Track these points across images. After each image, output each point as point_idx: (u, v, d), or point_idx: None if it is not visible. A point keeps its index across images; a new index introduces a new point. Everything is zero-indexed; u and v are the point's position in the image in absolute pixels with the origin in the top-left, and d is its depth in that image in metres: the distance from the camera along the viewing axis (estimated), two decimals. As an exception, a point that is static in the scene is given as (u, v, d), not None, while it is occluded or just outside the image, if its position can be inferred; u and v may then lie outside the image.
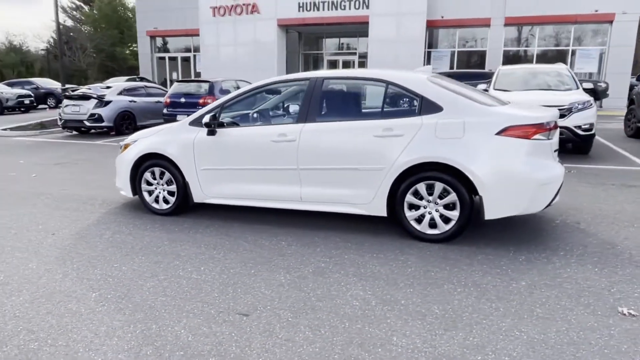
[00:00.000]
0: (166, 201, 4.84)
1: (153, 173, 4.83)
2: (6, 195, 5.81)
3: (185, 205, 4.80)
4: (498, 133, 3.68)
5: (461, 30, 21.96)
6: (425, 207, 3.92)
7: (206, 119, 4.42)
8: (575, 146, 8.27)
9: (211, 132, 4.49)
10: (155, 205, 4.89)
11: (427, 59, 22.38)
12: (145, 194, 4.93)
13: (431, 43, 22.42)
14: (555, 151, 3.94)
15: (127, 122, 12.21)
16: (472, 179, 3.69)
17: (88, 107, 11.67)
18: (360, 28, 21.42)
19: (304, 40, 25.49)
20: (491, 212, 3.74)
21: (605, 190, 5.65)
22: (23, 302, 2.97)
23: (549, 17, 20.02)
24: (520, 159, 3.67)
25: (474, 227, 4.21)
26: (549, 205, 3.81)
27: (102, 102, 11.72)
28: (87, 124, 11.64)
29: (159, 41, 27.90)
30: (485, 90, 9.21)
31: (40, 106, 21.92)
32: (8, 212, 5.02)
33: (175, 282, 3.23)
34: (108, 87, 12.48)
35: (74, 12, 45.87)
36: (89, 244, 4.03)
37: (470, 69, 21.00)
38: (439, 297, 2.94)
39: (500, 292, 3.01)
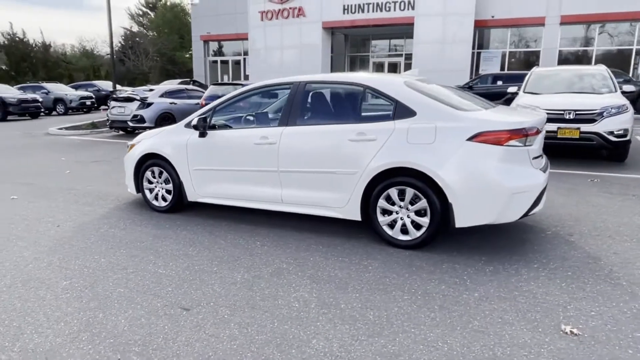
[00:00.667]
0: (164, 199, 5.11)
1: (153, 172, 5.12)
2: (37, 189, 6.36)
3: (181, 204, 5.04)
4: (469, 139, 3.57)
5: (513, 30, 21.08)
6: (397, 213, 3.88)
7: (194, 121, 4.64)
8: (610, 153, 7.74)
9: (202, 134, 4.70)
10: (155, 202, 5.18)
11: (476, 61, 21.70)
12: (147, 192, 5.23)
13: (481, 44, 21.72)
14: (536, 158, 3.76)
15: (167, 123, 12.83)
16: (441, 185, 3.61)
17: (132, 108, 12.43)
18: (407, 29, 21.15)
19: (350, 42, 25.53)
20: (461, 220, 3.63)
21: (623, 201, 5.26)
22: (2, 286, 3.28)
23: (610, 15, 18.74)
24: (492, 166, 3.54)
25: (454, 234, 4.10)
26: (526, 215, 3.65)
27: (144, 104, 12.44)
28: (130, 124, 12.40)
29: (212, 45, 29.04)
30: (515, 93, 8.84)
31: (102, 107, 23.54)
32: (32, 205, 5.51)
33: (140, 276, 3.43)
34: (151, 90, 13.21)
35: (140, 19, 48.83)
36: (85, 236, 4.35)
37: (523, 70, 20.11)
38: (380, 304, 2.92)
39: (447, 302, 2.93)
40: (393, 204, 3.87)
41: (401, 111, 3.85)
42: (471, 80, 18.49)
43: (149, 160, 5.12)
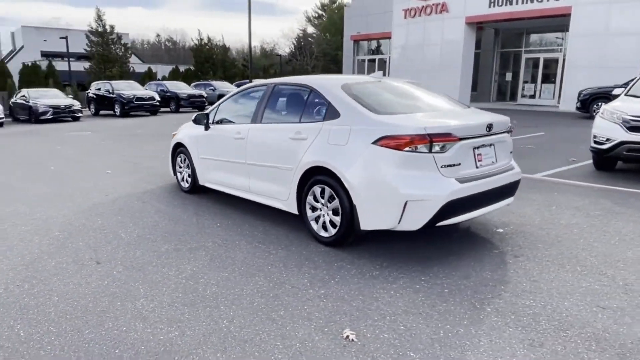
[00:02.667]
0: (187, 182, 6.07)
1: (181, 158, 6.13)
2: (131, 168, 8.03)
3: (194, 187, 5.92)
4: (374, 142, 3.57)
5: None
6: (320, 210, 4.05)
7: (195, 115, 5.46)
8: None
9: (206, 128, 5.49)
10: (182, 184, 6.19)
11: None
12: (178, 175, 6.27)
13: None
14: (452, 165, 3.52)
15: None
16: (347, 186, 3.69)
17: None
18: (565, 21, 18.75)
19: (501, 38, 23.67)
20: (364, 223, 3.65)
21: (657, 230, 4.30)
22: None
23: None
24: (389, 171, 3.48)
25: (402, 238, 4.06)
26: (432, 224, 3.48)
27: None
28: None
29: (361, 45, 30.08)
30: (615, 95, 7.52)
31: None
32: (117, 179, 7.07)
33: (84, 249, 4.37)
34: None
35: (315, 21, 52.93)
36: (97, 210, 5.39)
37: None
38: (222, 290, 3.26)
39: (283, 298, 3.06)
40: (317, 201, 4.06)
41: (331, 113, 4.00)
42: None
43: (178, 148, 6.14)
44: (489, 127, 3.80)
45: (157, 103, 21.86)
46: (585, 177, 6.56)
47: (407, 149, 3.43)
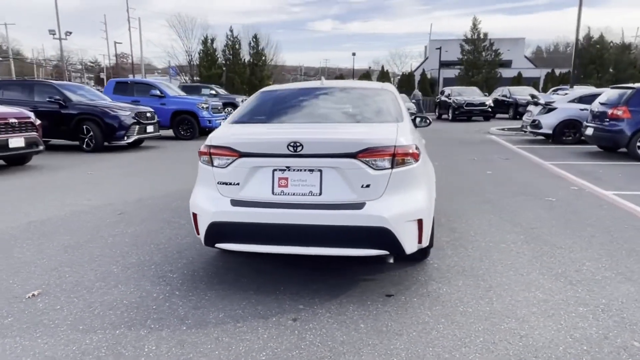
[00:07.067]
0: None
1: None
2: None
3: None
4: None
5: None
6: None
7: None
8: None
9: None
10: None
11: None
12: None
13: None
14: (231, 184, 3.02)
15: (571, 131, 11.48)
16: None
17: (534, 113, 12.06)
18: None
19: None
20: None
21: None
22: (160, 197, 6.55)
23: None
24: (197, 180, 3.37)
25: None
26: (212, 244, 3.10)
27: (546, 109, 11.73)
28: (528, 129, 12.11)
29: None
30: None
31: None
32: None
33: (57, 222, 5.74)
34: (565, 94, 12.03)
35: None
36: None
37: None
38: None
39: (104, 301, 3.51)
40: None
41: None
42: None
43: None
44: (294, 145, 2.84)
45: (489, 109, 21.46)
46: None
47: (202, 159, 3.22)
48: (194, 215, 3.19)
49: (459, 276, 3.34)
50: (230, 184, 3.02)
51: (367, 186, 2.83)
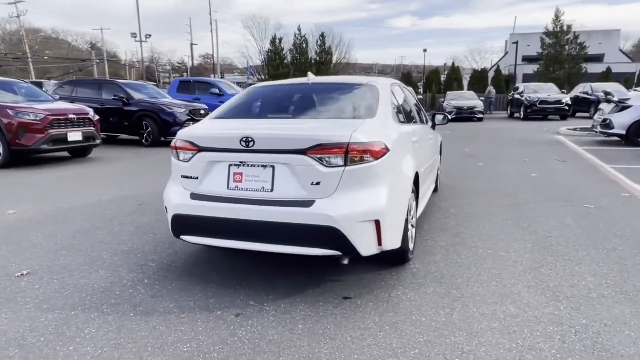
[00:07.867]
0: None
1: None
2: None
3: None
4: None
5: None
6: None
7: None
8: None
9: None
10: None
11: None
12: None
13: None
14: (186, 177, 3.11)
15: (647, 132, 10.24)
16: None
17: (606, 111, 10.93)
18: None
19: None
20: None
21: None
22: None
23: None
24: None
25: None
26: (177, 235, 3.19)
27: (619, 106, 10.58)
28: (598, 129, 10.99)
29: None
30: None
31: None
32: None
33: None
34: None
35: None
36: None
37: None
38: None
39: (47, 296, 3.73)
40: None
41: None
42: None
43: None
44: (246, 141, 2.83)
45: (566, 107, 19.82)
46: None
47: (172, 153, 3.29)
48: (165, 207, 3.30)
49: (432, 283, 3.12)
50: (191, 177, 3.08)
51: (317, 183, 2.75)
